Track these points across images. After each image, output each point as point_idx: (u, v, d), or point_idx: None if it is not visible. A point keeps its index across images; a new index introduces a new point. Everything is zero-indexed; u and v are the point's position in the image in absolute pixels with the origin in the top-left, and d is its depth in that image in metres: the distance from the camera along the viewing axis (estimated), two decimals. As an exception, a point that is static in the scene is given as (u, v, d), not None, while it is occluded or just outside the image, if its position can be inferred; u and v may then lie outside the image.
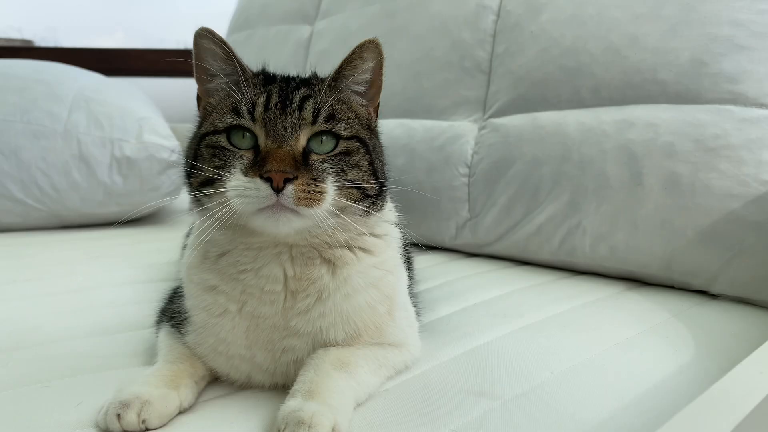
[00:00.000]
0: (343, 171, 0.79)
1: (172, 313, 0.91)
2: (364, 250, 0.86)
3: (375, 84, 0.87)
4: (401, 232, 0.94)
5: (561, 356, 0.94)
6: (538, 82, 1.57)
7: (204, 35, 0.82)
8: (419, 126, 1.80)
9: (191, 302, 0.86)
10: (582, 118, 1.46)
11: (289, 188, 0.72)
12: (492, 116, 1.67)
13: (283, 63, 2.26)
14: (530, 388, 0.83)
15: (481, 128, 1.68)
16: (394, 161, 1.59)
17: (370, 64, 0.84)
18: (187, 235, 1.29)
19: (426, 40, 1.85)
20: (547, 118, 1.52)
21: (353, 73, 0.84)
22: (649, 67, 1.38)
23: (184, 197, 2.25)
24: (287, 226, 0.75)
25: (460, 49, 1.76)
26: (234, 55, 0.82)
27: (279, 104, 0.78)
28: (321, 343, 0.82)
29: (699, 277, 1.30)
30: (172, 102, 2.78)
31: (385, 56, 0.85)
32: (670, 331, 1.07)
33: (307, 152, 0.78)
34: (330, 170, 0.78)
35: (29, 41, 3.30)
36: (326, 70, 0.88)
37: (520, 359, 0.93)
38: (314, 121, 0.79)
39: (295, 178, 0.73)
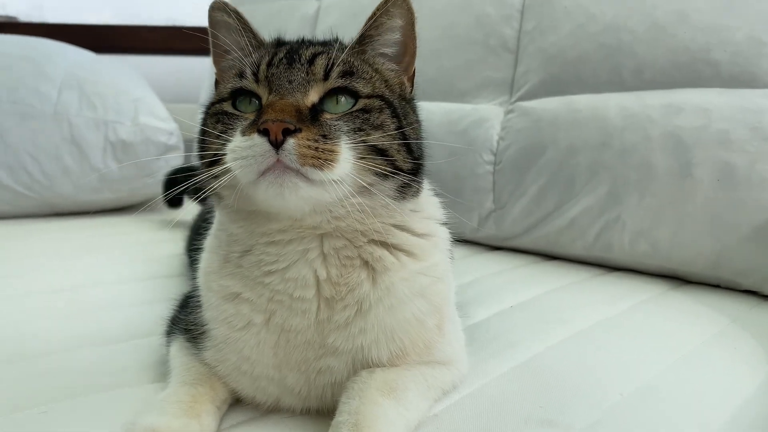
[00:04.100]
0: (361, 130, 0.67)
1: (187, 324, 0.79)
2: (407, 253, 0.74)
3: (407, 48, 0.77)
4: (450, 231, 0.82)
5: (626, 373, 0.84)
6: (572, 62, 1.45)
7: (218, 8, 0.76)
8: (437, 109, 1.67)
9: (210, 314, 0.75)
10: (624, 102, 1.34)
11: (290, 142, 0.61)
12: (520, 99, 1.55)
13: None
14: (602, 415, 0.72)
15: (508, 112, 1.56)
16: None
17: (398, 22, 0.74)
18: (201, 217, 1.16)
19: (446, 16, 1.71)
20: (585, 101, 1.41)
21: (379, 32, 0.74)
22: (700, 46, 1.27)
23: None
24: (294, 194, 0.62)
25: (484, 26, 1.63)
26: (249, 25, 0.76)
27: (284, 59, 0.70)
28: (362, 363, 0.71)
29: (751, 277, 1.21)
30: (164, 81, 2.67)
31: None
32: (734, 340, 0.98)
33: (318, 110, 0.67)
34: (345, 128, 0.66)
35: (13, 18, 3.12)
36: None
37: (580, 377, 0.82)
38: (326, 77, 0.69)
39: (298, 130, 0.61)
